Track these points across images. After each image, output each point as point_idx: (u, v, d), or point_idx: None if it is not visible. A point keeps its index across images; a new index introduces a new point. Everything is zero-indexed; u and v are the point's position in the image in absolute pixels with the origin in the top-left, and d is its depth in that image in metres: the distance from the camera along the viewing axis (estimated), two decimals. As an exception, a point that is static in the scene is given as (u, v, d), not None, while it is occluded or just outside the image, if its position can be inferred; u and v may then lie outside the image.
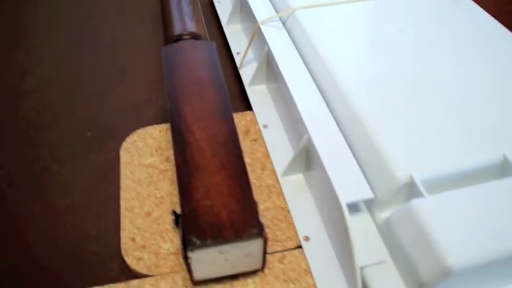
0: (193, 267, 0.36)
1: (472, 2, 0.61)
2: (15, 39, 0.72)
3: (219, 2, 0.74)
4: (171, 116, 0.43)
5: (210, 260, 0.36)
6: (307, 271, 0.42)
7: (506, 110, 0.44)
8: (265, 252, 0.38)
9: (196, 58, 0.48)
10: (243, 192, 0.37)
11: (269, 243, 0.44)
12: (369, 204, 0.42)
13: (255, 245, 0.35)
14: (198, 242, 0.34)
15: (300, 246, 0.43)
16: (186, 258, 0.35)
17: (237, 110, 0.58)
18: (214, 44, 0.51)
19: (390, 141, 0.41)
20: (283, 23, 0.58)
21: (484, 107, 0.45)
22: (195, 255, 0.35)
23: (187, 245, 0.34)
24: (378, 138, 0.42)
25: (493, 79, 0.48)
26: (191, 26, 0.53)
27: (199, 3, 0.60)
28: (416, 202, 0.37)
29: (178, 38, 0.52)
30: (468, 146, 0.41)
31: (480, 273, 0.37)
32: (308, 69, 0.52)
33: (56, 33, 0.73)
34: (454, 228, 0.35)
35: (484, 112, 0.44)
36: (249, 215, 0.36)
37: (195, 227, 0.35)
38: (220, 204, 0.36)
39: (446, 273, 0.34)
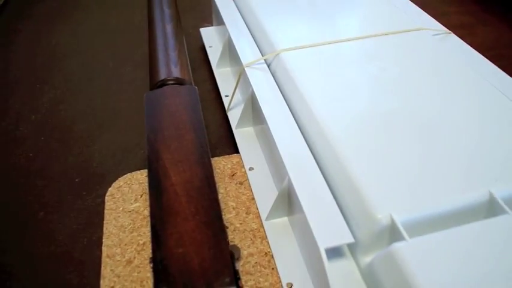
0: (166, 319, 0.35)
1: (458, 38, 0.62)
2: (11, 86, 0.73)
3: (211, 47, 0.75)
4: (149, 160, 0.43)
5: (182, 311, 0.35)
6: (290, 320, 0.40)
7: (490, 146, 0.43)
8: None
9: (177, 102, 0.48)
10: (216, 239, 0.36)
11: (251, 290, 0.42)
12: (352, 248, 0.41)
13: (228, 293, 0.34)
14: (168, 291, 0.33)
15: (283, 294, 0.42)
16: (157, 308, 0.34)
17: (225, 153, 0.58)
18: (196, 88, 0.51)
19: (370, 181, 0.40)
20: (269, 66, 0.59)
21: (467, 144, 0.44)
22: (165, 306, 0.33)
23: (157, 294, 0.33)
24: (358, 179, 0.41)
25: (476, 116, 0.47)
26: (175, 72, 0.53)
27: (186, 48, 0.61)
28: (397, 246, 0.36)
29: (163, 84, 0.53)
30: (452, 184, 0.40)
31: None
32: (291, 110, 0.52)
33: (51, 80, 0.75)
34: (437, 272, 0.34)
35: (467, 149, 0.43)
36: (221, 263, 0.35)
37: (166, 275, 0.34)
38: (192, 252, 0.35)
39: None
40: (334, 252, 0.40)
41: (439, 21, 0.66)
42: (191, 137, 0.45)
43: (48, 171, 0.58)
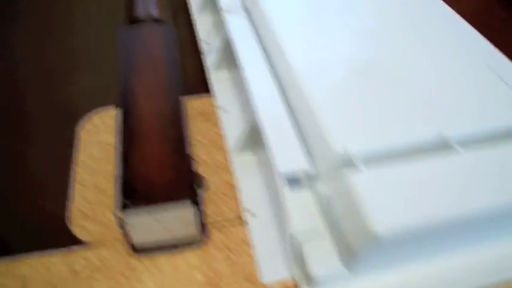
0: (130, 232, 0.37)
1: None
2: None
3: (192, -6, 0.75)
4: (122, 89, 0.44)
5: (145, 225, 0.37)
6: (247, 242, 0.42)
7: (444, 89, 0.45)
8: (201, 220, 0.39)
9: (153, 40, 0.49)
10: (179, 161, 0.38)
11: (212, 215, 0.44)
12: (312, 180, 0.43)
13: (185, 207, 0.36)
14: (130, 204, 0.35)
15: (242, 219, 0.44)
16: (119, 219, 0.36)
17: (199, 93, 0.59)
18: (174, 29, 0.52)
19: (331, 118, 0.42)
20: (247, 10, 0.59)
21: (423, 87, 0.46)
22: (129, 218, 0.35)
23: (121, 208, 0.35)
24: (320, 115, 0.42)
25: (439, 68, 0.49)
26: (154, 11, 0.54)
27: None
28: (350, 174, 0.38)
29: (139, 21, 0.53)
30: (408, 124, 0.42)
31: (410, 245, 0.37)
32: (265, 53, 0.53)
33: (33, 21, 0.74)
34: (383, 199, 0.36)
35: (422, 91, 0.45)
36: (182, 181, 0.37)
37: (130, 192, 0.36)
38: (156, 173, 0.37)
39: (375, 240, 0.34)
40: (293, 181, 0.42)
41: None
42: (164, 71, 0.46)
43: (27, 107, 0.59)
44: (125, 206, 0.35)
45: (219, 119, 0.54)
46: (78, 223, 0.44)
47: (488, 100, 0.45)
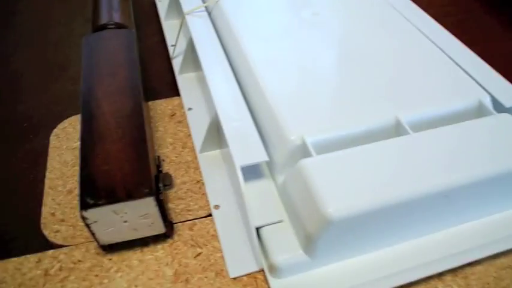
0: (94, 229, 0.38)
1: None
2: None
3: (160, 1, 0.77)
4: (83, 94, 0.45)
5: (108, 222, 0.38)
6: (215, 236, 0.44)
7: (400, 79, 0.47)
8: (165, 215, 0.40)
9: (115, 44, 0.51)
10: (139, 158, 0.39)
11: (181, 212, 0.46)
12: (271, 168, 0.44)
13: (148, 204, 0.38)
14: (91, 201, 0.36)
15: (210, 215, 0.46)
16: (83, 218, 0.37)
17: (168, 97, 0.60)
18: (134, 31, 0.53)
19: (286, 108, 0.44)
20: (209, 13, 0.61)
21: (378, 72, 0.48)
22: (90, 215, 0.37)
23: (81, 205, 0.36)
24: (275, 107, 0.44)
25: (393, 53, 0.51)
26: (116, 17, 0.56)
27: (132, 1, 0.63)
28: (303, 161, 0.39)
29: (103, 28, 0.55)
30: (362, 110, 0.44)
31: (366, 228, 0.39)
32: (227, 53, 0.55)
33: (4, 34, 0.76)
34: (336, 182, 0.38)
35: (380, 81, 0.47)
36: (142, 177, 0.38)
37: (90, 189, 0.37)
38: (116, 169, 0.39)
39: (327, 223, 0.36)
40: (254, 174, 0.44)
41: None
42: (124, 73, 0.47)
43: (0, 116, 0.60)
44: (86, 205, 0.36)
45: (186, 119, 0.55)
46: (51, 227, 0.45)
47: (442, 85, 0.47)
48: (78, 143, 0.53)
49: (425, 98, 0.46)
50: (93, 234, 0.39)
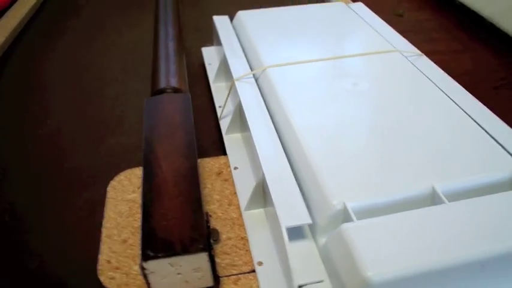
0: (150, 279, 0.42)
1: (428, 59, 0.69)
2: (30, 93, 0.82)
3: (210, 64, 0.83)
4: (144, 152, 0.50)
5: (163, 273, 0.42)
6: (258, 292, 0.47)
7: (435, 149, 0.50)
8: (214, 269, 0.44)
9: (172, 107, 0.56)
10: (194, 215, 0.43)
11: (227, 267, 0.49)
12: (313, 230, 0.47)
13: (201, 259, 0.41)
14: (151, 254, 0.40)
15: (253, 271, 0.49)
16: (142, 269, 0.41)
17: (215, 155, 0.65)
18: (189, 96, 0.59)
19: (328, 174, 0.47)
20: (256, 80, 0.67)
21: (415, 141, 0.51)
22: (149, 266, 0.41)
23: (142, 256, 0.40)
24: (319, 172, 0.48)
25: (424, 117, 0.54)
26: (173, 82, 0.62)
27: (186, 64, 0.69)
28: (345, 225, 0.42)
29: (162, 91, 0.61)
30: (400, 178, 0.47)
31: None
32: (273, 118, 0.59)
33: (67, 89, 0.84)
34: (375, 247, 0.40)
35: (416, 150, 0.50)
36: (197, 233, 0.42)
37: (151, 242, 0.41)
38: (174, 224, 0.43)
39: (366, 286, 0.38)
40: (297, 234, 0.47)
41: (427, 47, 0.74)
42: (181, 135, 0.53)
43: (61, 166, 0.66)
44: (146, 256, 0.40)
45: (232, 178, 0.59)
46: (107, 274, 0.49)
47: (476, 155, 0.50)
48: (132, 195, 0.58)
49: (460, 168, 0.48)
50: (148, 284, 0.43)
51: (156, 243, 0.41)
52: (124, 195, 0.58)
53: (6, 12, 1.07)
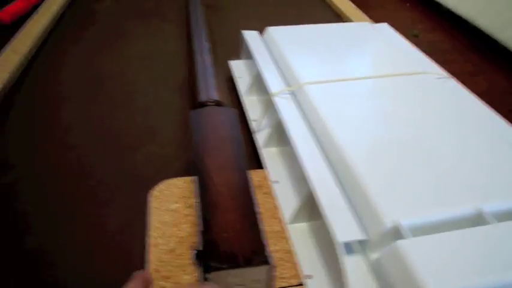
0: (211, 290, 0.43)
1: (456, 82, 0.72)
2: (63, 101, 0.83)
3: (240, 77, 0.85)
4: (196, 165, 0.51)
5: (224, 283, 0.43)
6: (308, 304, 0.48)
7: (481, 168, 0.52)
8: (271, 281, 0.45)
9: (219, 120, 0.57)
10: (253, 228, 0.45)
11: (276, 280, 0.50)
12: (363, 246, 0.49)
13: (262, 271, 0.42)
14: (215, 265, 0.41)
15: (302, 284, 0.50)
16: (205, 279, 0.42)
17: (251, 168, 0.66)
18: (236, 110, 0.60)
19: (381, 192, 0.49)
20: (293, 95, 0.68)
21: (462, 166, 0.53)
22: (212, 277, 0.41)
23: (206, 268, 0.41)
24: (369, 190, 0.49)
25: (469, 147, 0.56)
26: (215, 95, 0.63)
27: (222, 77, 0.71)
28: (401, 242, 0.44)
29: (204, 104, 0.62)
30: (448, 197, 0.49)
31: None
32: (313, 133, 0.61)
33: (97, 98, 0.84)
34: (433, 264, 0.42)
35: (461, 170, 0.52)
36: (258, 246, 0.43)
37: (214, 254, 0.42)
38: (234, 237, 0.44)
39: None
40: (348, 250, 0.48)
41: (443, 68, 0.76)
42: (230, 148, 0.54)
43: (97, 175, 0.66)
44: (210, 268, 0.41)
45: (273, 191, 0.61)
46: (157, 283, 0.49)
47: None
48: (175, 206, 0.59)
49: (506, 188, 0.50)
50: (207, 294, 0.43)
51: (219, 255, 0.42)
52: (167, 205, 0.59)
53: (28, 19, 1.07)
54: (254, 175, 0.63)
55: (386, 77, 0.70)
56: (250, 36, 0.85)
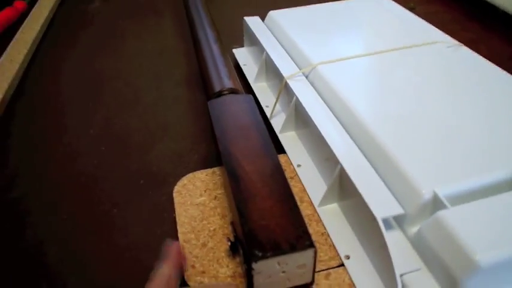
0: (255, 279, 0.42)
1: (468, 49, 0.71)
2: (66, 106, 0.81)
3: (245, 65, 0.83)
4: (223, 156, 0.50)
5: (269, 272, 0.42)
6: (351, 285, 0.47)
7: (501, 131, 0.52)
8: (315, 265, 0.44)
9: (238, 108, 0.56)
10: (292, 212, 0.43)
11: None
12: (400, 220, 0.48)
13: (308, 255, 0.41)
14: (260, 254, 0.40)
15: (342, 265, 0.49)
16: (250, 270, 0.41)
17: (271, 154, 0.65)
18: (251, 96, 0.59)
19: (414, 164, 0.48)
20: (306, 77, 0.67)
21: (491, 131, 0.52)
22: (257, 267, 0.40)
23: (251, 257, 0.40)
24: (400, 162, 0.49)
25: (496, 108, 0.55)
26: (229, 83, 0.62)
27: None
28: (442, 213, 0.43)
29: (219, 94, 0.61)
30: (481, 163, 0.48)
31: (506, 273, 0.42)
32: (333, 113, 0.60)
33: (101, 99, 0.82)
34: (478, 231, 0.41)
35: (491, 134, 0.51)
36: (300, 230, 0.42)
37: (256, 242, 0.41)
38: (274, 224, 0.43)
39: (476, 268, 0.39)
40: (385, 225, 0.48)
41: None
42: (255, 135, 0.53)
43: (113, 176, 0.65)
44: (256, 257, 0.40)
45: (297, 175, 0.60)
46: (195, 279, 0.48)
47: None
48: (201, 199, 0.58)
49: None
50: (251, 285, 0.42)
51: (261, 244, 0.41)
52: (192, 199, 0.58)
53: (20, 27, 1.05)
54: (276, 161, 0.62)
55: (399, 50, 0.69)
56: (253, 22, 0.84)
